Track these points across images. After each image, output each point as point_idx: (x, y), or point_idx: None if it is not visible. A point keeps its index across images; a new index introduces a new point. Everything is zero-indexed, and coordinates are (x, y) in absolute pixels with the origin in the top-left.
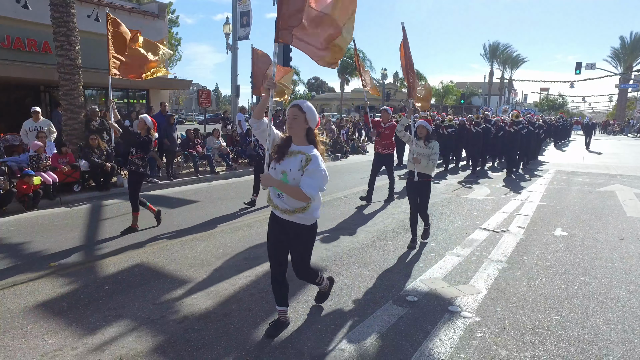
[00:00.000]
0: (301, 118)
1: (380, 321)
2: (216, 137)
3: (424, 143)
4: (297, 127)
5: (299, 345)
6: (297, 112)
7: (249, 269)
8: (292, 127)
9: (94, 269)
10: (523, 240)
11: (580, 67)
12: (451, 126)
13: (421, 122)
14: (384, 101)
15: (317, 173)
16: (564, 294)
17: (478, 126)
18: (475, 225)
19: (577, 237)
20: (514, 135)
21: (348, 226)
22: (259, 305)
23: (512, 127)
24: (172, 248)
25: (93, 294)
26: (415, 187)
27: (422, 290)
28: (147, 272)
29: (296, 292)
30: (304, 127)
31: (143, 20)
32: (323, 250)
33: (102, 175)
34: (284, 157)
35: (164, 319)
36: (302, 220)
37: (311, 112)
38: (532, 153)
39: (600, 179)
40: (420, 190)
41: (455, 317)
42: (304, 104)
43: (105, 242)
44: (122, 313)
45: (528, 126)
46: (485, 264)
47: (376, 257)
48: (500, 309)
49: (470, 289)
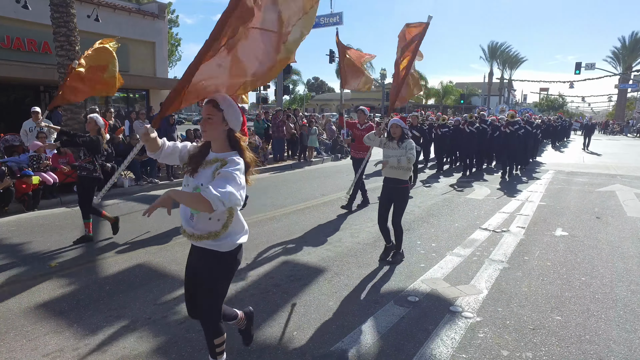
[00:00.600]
0: (218, 117)
1: (382, 321)
2: None
3: (397, 144)
4: (212, 129)
5: (301, 346)
6: (212, 110)
7: (250, 269)
8: (206, 131)
9: (95, 269)
10: (524, 241)
11: (579, 67)
12: (445, 126)
13: (395, 121)
14: (384, 101)
15: (229, 176)
16: (565, 294)
17: (472, 126)
18: (476, 225)
19: (578, 237)
20: (510, 136)
21: (349, 226)
22: (260, 305)
23: (507, 127)
24: (173, 248)
25: (94, 295)
26: (389, 193)
27: (424, 290)
28: (148, 273)
29: (297, 293)
30: (222, 129)
31: (143, 21)
32: (324, 250)
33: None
34: (198, 169)
35: (165, 319)
36: (214, 246)
37: (231, 110)
38: (530, 154)
39: (601, 179)
40: (394, 197)
41: (457, 318)
42: (222, 99)
43: (105, 242)
44: (124, 313)
45: (525, 126)
46: (486, 264)
47: (377, 257)
48: (501, 309)
49: (472, 289)
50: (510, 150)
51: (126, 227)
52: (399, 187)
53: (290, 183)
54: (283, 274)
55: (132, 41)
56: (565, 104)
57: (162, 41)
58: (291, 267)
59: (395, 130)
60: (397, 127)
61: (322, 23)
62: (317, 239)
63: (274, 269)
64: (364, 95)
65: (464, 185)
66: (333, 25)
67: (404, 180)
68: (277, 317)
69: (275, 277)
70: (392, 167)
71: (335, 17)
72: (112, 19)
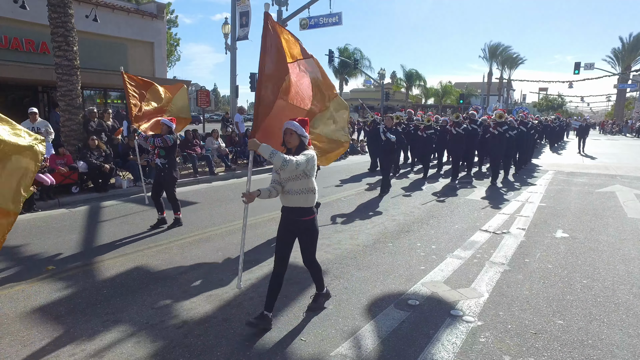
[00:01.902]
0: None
1: (382, 325)
2: (215, 138)
3: None
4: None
5: (300, 351)
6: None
7: (248, 272)
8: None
9: (92, 272)
10: (524, 242)
11: (578, 67)
12: (430, 127)
13: (289, 125)
14: (383, 101)
15: None
16: (567, 297)
17: (459, 127)
18: (476, 227)
19: (579, 239)
20: (499, 137)
21: (348, 228)
22: (260, 309)
23: (496, 128)
24: (171, 251)
25: (91, 298)
26: (289, 229)
27: (424, 293)
28: (146, 276)
29: (296, 296)
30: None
31: (141, 21)
32: (323, 253)
33: (100, 177)
34: None
35: (163, 323)
36: None
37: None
38: (525, 156)
39: (600, 180)
40: (297, 234)
41: (458, 322)
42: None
43: (103, 244)
44: (121, 318)
45: (520, 127)
46: (486, 267)
47: (377, 260)
48: (502, 313)
49: (472, 293)
50: (498, 153)
51: (124, 229)
52: (303, 220)
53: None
54: None
55: (131, 41)
56: (564, 103)
57: (161, 41)
58: (290, 270)
59: (290, 139)
60: (292, 134)
61: (321, 23)
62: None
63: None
64: (363, 95)
65: (447, 195)
66: (332, 25)
67: (309, 209)
68: (275, 322)
69: None
70: (290, 193)
71: (334, 17)
72: (111, 19)
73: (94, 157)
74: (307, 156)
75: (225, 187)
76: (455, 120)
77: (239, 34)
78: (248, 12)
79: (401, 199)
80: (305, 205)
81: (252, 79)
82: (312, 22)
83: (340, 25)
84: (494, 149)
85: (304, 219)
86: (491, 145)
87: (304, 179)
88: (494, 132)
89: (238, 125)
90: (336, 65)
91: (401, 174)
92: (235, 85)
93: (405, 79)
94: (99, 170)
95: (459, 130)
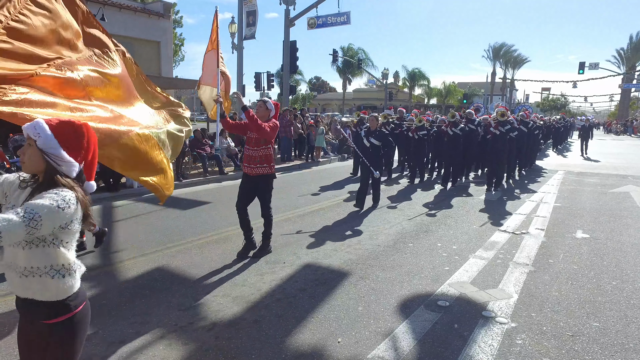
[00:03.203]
0: None
1: (415, 327)
2: (224, 137)
3: None
4: None
5: (337, 353)
6: None
7: (272, 273)
8: None
9: (113, 273)
10: (545, 243)
11: (583, 67)
12: (423, 128)
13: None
14: (387, 101)
15: None
16: (598, 299)
17: (456, 127)
18: (494, 227)
19: (600, 240)
20: (499, 138)
21: (366, 228)
22: (289, 311)
23: (497, 128)
24: (190, 251)
25: (115, 300)
26: None
27: (452, 294)
28: (168, 277)
29: (324, 297)
30: None
31: (148, 20)
32: (345, 253)
33: (111, 176)
34: None
35: (192, 325)
36: None
37: None
38: (527, 159)
39: (612, 180)
40: None
41: (491, 323)
42: None
43: (121, 245)
44: (148, 320)
45: (520, 126)
46: (511, 267)
47: (400, 260)
48: (535, 314)
49: (501, 293)
50: (500, 157)
51: (139, 230)
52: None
53: (300, 184)
54: (307, 278)
55: (138, 40)
56: (567, 103)
57: (167, 41)
58: (314, 270)
59: (28, 157)
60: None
61: (330, 22)
62: (336, 242)
63: (297, 272)
64: (366, 94)
65: (439, 208)
66: (340, 24)
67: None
68: (307, 323)
69: (299, 280)
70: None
71: (343, 16)
72: (117, 18)
73: None
74: (55, 203)
75: (236, 187)
76: (451, 119)
77: (245, 33)
78: (255, 11)
79: (405, 200)
80: (42, 297)
81: (257, 79)
82: (320, 21)
83: (349, 24)
84: (494, 151)
85: (47, 322)
86: (491, 147)
87: (45, 247)
88: (495, 132)
89: None
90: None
91: (393, 178)
92: (242, 85)
93: (408, 78)
94: (110, 170)
95: (455, 131)
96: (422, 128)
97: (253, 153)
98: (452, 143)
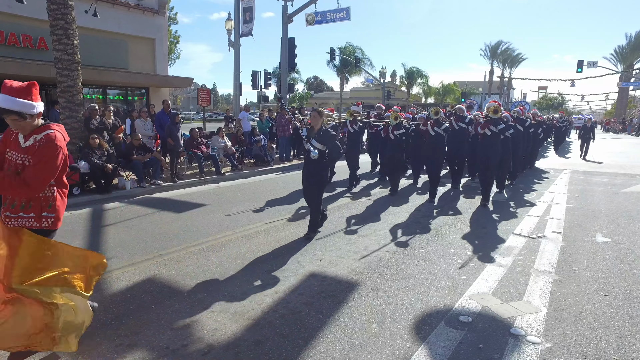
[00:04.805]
0: None
1: (438, 348)
2: (221, 137)
3: None
4: None
5: None
6: None
7: (274, 284)
8: None
9: (100, 285)
10: (565, 248)
11: (581, 66)
12: (400, 126)
13: None
14: (385, 100)
15: None
16: (638, 313)
17: (440, 127)
18: (508, 230)
19: (623, 244)
20: (491, 140)
21: (373, 232)
22: (294, 330)
23: (487, 128)
24: (185, 259)
25: (100, 317)
26: None
27: (474, 308)
28: (160, 289)
29: (332, 312)
30: None
31: (142, 17)
32: (352, 261)
33: (103, 177)
34: None
35: (185, 348)
36: None
37: None
38: (524, 160)
39: (621, 179)
40: None
41: (522, 343)
42: None
43: (110, 252)
44: (136, 341)
45: (516, 124)
46: (533, 276)
47: (412, 268)
48: (570, 332)
49: (528, 307)
50: (492, 161)
51: (129, 235)
52: None
53: (300, 184)
54: (312, 290)
55: (132, 37)
56: (564, 102)
57: (162, 38)
58: (319, 280)
59: None
60: None
61: (329, 19)
62: (342, 247)
63: (301, 283)
64: (363, 93)
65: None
66: (340, 20)
67: None
68: (315, 344)
69: (305, 293)
70: None
71: (342, 12)
72: (111, 14)
73: (96, 157)
74: None
75: (234, 188)
76: (434, 117)
77: (242, 30)
78: (252, 7)
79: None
80: None
81: (254, 77)
82: (319, 17)
83: (348, 20)
84: (485, 154)
85: None
86: (481, 150)
87: None
88: (485, 133)
89: (241, 122)
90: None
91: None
92: (239, 82)
93: (406, 77)
94: (102, 171)
95: (438, 131)
96: (400, 126)
97: None
98: (433, 145)
